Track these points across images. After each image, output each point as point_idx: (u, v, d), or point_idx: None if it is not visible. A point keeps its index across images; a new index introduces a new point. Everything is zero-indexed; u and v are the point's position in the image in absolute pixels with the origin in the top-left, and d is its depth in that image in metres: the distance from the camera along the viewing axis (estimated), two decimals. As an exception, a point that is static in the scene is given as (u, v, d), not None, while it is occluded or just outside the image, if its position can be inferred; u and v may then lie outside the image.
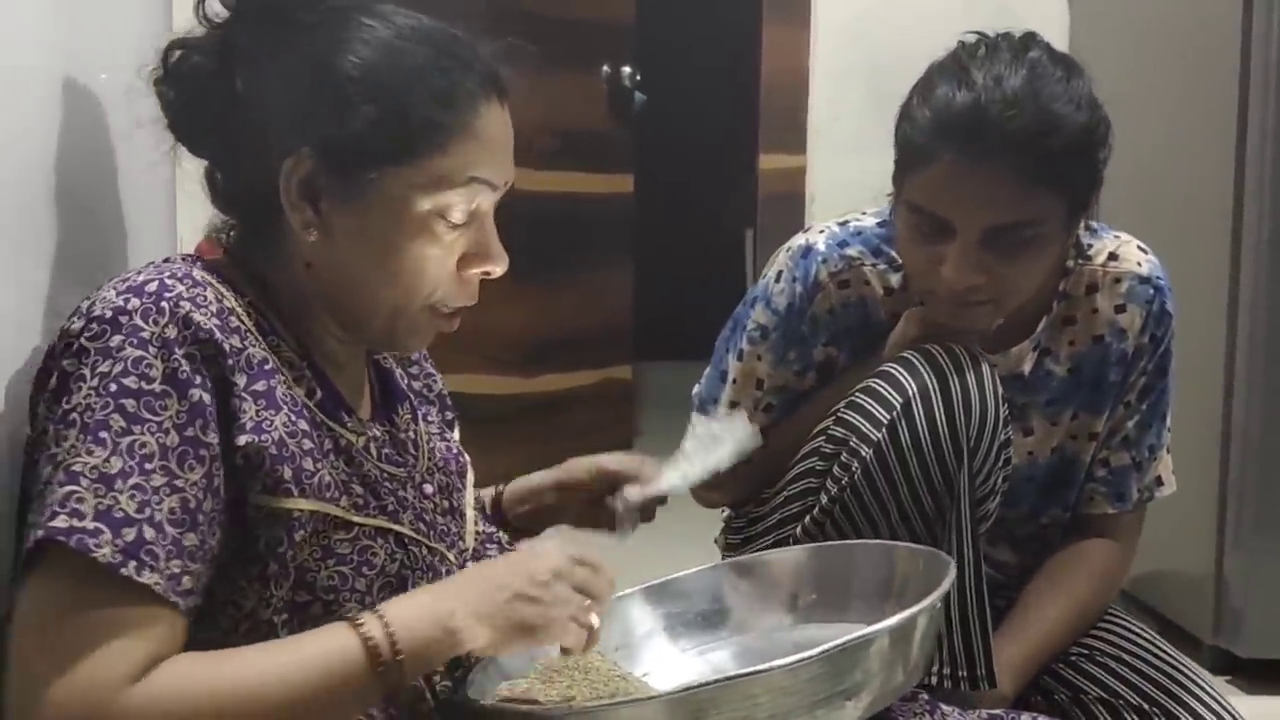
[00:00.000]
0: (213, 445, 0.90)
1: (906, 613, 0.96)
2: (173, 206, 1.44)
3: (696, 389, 1.58)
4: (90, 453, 0.86)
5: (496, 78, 1.01)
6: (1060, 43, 1.47)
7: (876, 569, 1.16)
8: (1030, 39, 1.32)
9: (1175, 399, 1.51)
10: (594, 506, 1.20)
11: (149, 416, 0.88)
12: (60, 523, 0.84)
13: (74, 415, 0.88)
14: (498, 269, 1.03)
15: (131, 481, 0.86)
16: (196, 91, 0.99)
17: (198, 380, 0.90)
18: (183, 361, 0.89)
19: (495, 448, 1.31)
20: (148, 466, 0.87)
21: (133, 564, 0.85)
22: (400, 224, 0.97)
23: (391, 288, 0.99)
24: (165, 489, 0.87)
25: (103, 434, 0.86)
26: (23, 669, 0.86)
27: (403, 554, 0.99)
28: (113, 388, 0.87)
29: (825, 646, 0.91)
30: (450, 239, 0.99)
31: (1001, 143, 1.24)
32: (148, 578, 0.85)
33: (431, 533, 1.04)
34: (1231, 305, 2.11)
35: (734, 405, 1.52)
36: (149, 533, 0.85)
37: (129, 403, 0.87)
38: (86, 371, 0.88)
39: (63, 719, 0.83)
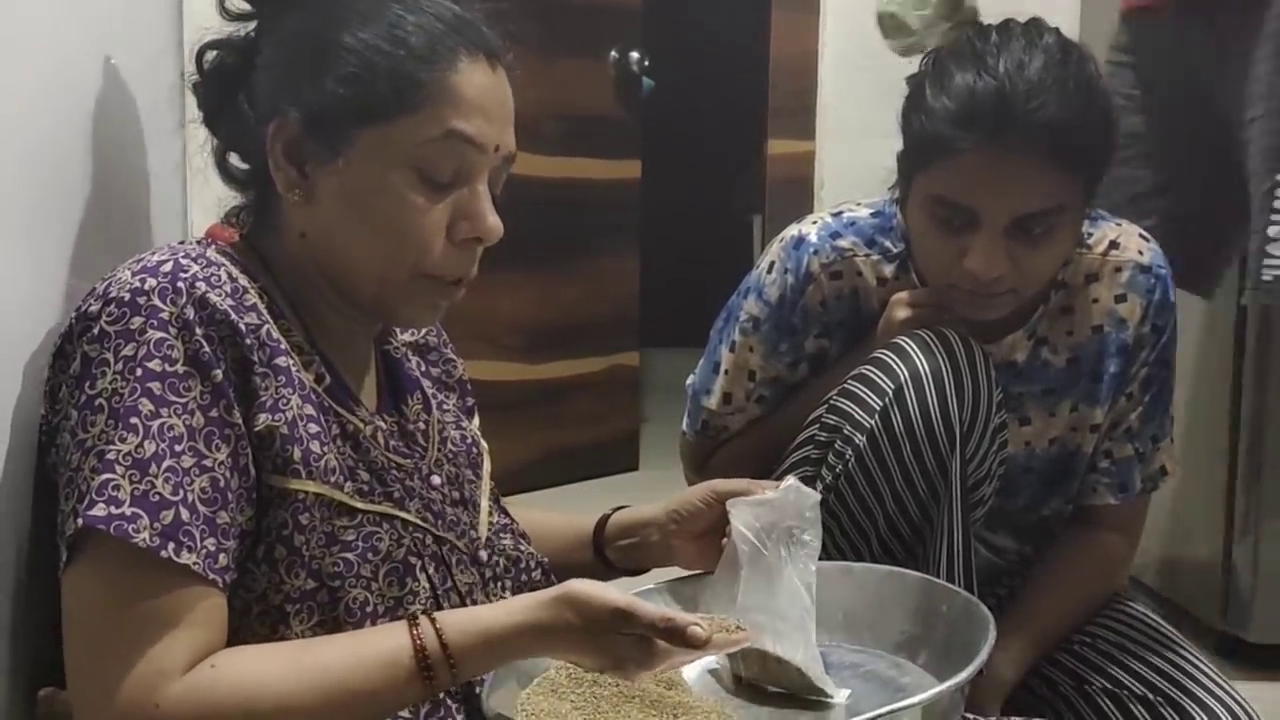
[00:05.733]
0: (238, 425, 0.91)
1: (956, 680, 0.94)
2: (183, 191, 1.44)
3: (690, 379, 1.58)
4: (123, 439, 0.87)
5: (481, 36, 0.99)
6: (1070, 31, 1.46)
7: (908, 598, 1.12)
8: (1039, 25, 1.32)
9: (1179, 387, 1.50)
10: (703, 543, 1.12)
11: (174, 399, 0.89)
12: (99, 511, 0.85)
13: (100, 400, 0.88)
14: (489, 237, 1.00)
15: (165, 464, 0.87)
16: (227, 87, 1.01)
17: (218, 361, 0.91)
18: (203, 343, 0.90)
19: (501, 434, 1.30)
20: (177, 448, 0.88)
21: (171, 545, 0.86)
22: (380, 183, 0.97)
23: (377, 252, 0.98)
24: (195, 469, 0.88)
25: (133, 419, 0.87)
26: (76, 662, 0.87)
27: (409, 540, 0.99)
28: (138, 372, 0.88)
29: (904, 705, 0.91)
30: (433, 199, 0.98)
31: (1029, 130, 1.24)
32: (186, 558, 0.86)
33: (439, 522, 1.03)
34: (1241, 292, 2.10)
35: (727, 396, 1.52)
36: (184, 514, 0.87)
37: (155, 385, 0.88)
38: (110, 355, 0.89)
39: (118, 711, 0.84)
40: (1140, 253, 1.44)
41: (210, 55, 1.02)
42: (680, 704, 1.00)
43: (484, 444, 1.17)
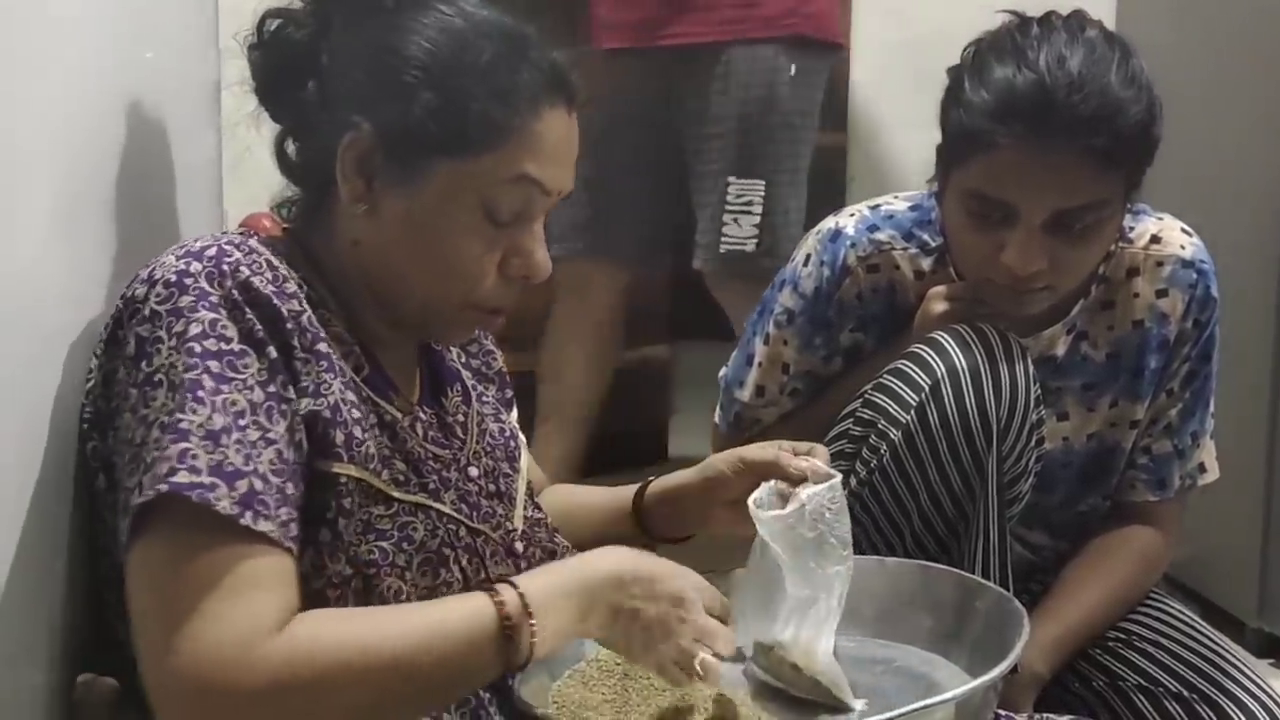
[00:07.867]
0: (293, 401, 0.93)
1: (989, 676, 0.94)
2: (219, 186, 1.45)
3: (723, 372, 1.58)
4: (195, 411, 0.88)
5: (565, 83, 1.01)
6: (1107, 22, 1.45)
7: (941, 594, 1.12)
8: (1082, 18, 1.31)
9: (1219, 383, 1.49)
10: (738, 509, 1.10)
11: (233, 375, 0.90)
12: (182, 478, 0.86)
13: (159, 375, 0.89)
14: (538, 275, 1.03)
15: (234, 436, 0.88)
16: (285, 60, 1.02)
17: (269, 340, 0.92)
18: (256, 323, 0.92)
19: (532, 426, 1.30)
20: (241, 422, 0.89)
21: (249, 514, 0.87)
22: (446, 214, 0.98)
23: (430, 278, 1.00)
24: (261, 442, 0.89)
25: (200, 393, 0.88)
26: (150, 624, 0.87)
27: (443, 532, 1.00)
28: (196, 349, 0.89)
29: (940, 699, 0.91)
30: (493, 237, 1.00)
31: (1069, 125, 1.23)
32: (264, 526, 0.87)
33: (475, 514, 1.04)
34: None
35: (760, 389, 1.52)
36: (258, 484, 0.88)
37: (213, 364, 0.90)
38: (163, 333, 0.90)
39: (202, 672, 0.84)
40: (1182, 247, 1.43)
41: (272, 23, 1.02)
42: (707, 696, 1.00)
43: (522, 437, 1.17)
